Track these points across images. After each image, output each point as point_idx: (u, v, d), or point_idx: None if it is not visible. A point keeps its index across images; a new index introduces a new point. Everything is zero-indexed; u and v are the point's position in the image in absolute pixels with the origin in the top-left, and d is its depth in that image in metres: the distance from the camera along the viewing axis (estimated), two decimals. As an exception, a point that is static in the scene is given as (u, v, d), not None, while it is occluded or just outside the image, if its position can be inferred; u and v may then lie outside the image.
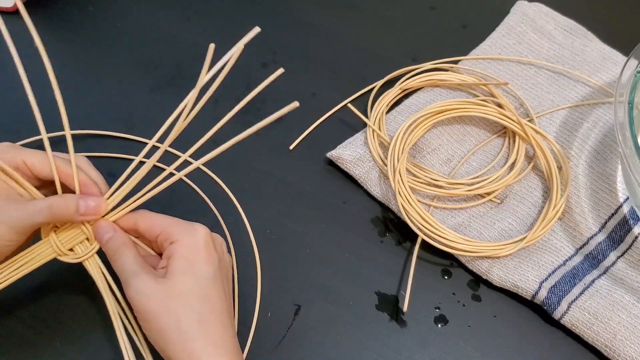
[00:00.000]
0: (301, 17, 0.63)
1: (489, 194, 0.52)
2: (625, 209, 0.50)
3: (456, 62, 0.59)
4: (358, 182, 0.52)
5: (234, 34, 0.62)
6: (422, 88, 0.57)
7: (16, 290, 0.44)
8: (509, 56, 0.59)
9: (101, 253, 0.40)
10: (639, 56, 0.47)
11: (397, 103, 0.57)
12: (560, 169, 0.52)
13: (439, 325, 0.47)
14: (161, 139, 0.40)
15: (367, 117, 0.55)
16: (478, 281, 0.49)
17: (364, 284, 0.48)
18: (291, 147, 0.54)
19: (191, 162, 0.39)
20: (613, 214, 0.50)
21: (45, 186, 0.40)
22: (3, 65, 0.58)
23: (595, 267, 0.48)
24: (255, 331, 0.45)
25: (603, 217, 0.50)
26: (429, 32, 0.63)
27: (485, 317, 0.47)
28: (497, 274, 0.47)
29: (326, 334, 0.46)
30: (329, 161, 0.53)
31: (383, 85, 0.58)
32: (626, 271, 0.48)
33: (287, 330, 0.46)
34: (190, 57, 0.60)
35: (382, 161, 0.52)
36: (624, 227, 0.50)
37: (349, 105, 0.55)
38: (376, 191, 0.52)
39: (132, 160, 0.52)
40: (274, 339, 0.45)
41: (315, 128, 0.55)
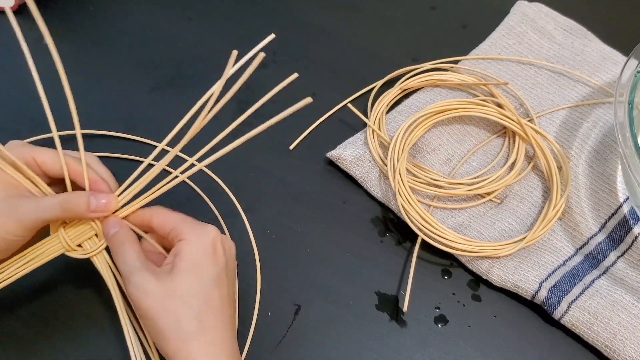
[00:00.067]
0: (301, 17, 0.63)
1: (489, 194, 0.52)
2: (625, 209, 0.50)
3: (456, 62, 0.59)
4: (358, 182, 0.52)
5: (234, 34, 0.62)
6: (422, 88, 0.57)
7: (16, 289, 0.44)
8: (509, 56, 0.59)
9: (109, 250, 0.40)
10: (639, 56, 0.47)
11: (397, 103, 0.57)
12: (560, 169, 0.52)
13: (439, 325, 0.47)
14: (168, 142, 0.40)
15: (367, 117, 0.55)
16: (478, 281, 0.49)
17: (364, 284, 0.48)
18: (291, 147, 0.54)
19: (198, 159, 0.39)
20: (613, 214, 0.50)
21: (54, 183, 0.40)
22: (3, 65, 0.59)
23: (595, 267, 0.48)
24: (255, 331, 0.45)
25: (603, 217, 0.50)
26: (429, 32, 0.63)
27: (485, 317, 0.47)
28: (497, 274, 0.47)
29: (326, 334, 0.46)
30: (329, 161, 0.53)
31: (383, 85, 0.58)
32: (626, 271, 0.48)
33: (287, 330, 0.46)
34: (190, 57, 0.60)
35: (382, 161, 0.52)
36: (624, 227, 0.50)
37: (349, 105, 0.55)
38: (376, 191, 0.52)
39: (133, 160, 0.53)
40: (274, 339, 0.45)
41: (315, 128, 0.55)
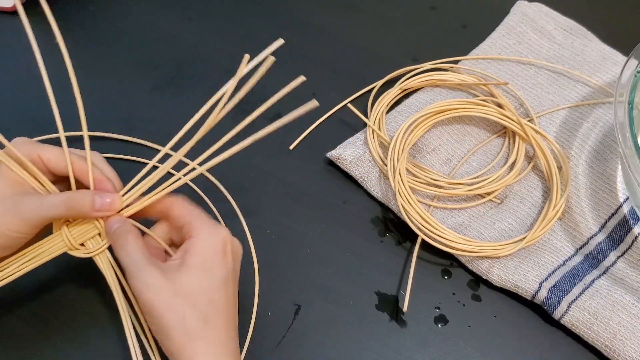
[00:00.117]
0: (301, 17, 0.63)
1: (489, 194, 0.52)
2: (625, 209, 0.50)
3: (456, 62, 0.59)
4: (358, 182, 0.52)
5: (234, 34, 0.62)
6: (422, 88, 0.57)
7: (17, 288, 0.44)
8: (509, 56, 0.59)
9: (112, 249, 0.40)
10: (639, 56, 0.47)
11: (397, 103, 0.56)
12: (560, 169, 0.52)
13: (439, 325, 0.47)
14: (164, 144, 0.40)
15: (367, 117, 0.55)
16: (478, 281, 0.49)
17: (364, 284, 0.48)
18: (291, 147, 0.54)
19: (200, 163, 0.39)
20: (613, 214, 0.50)
21: (58, 181, 0.40)
22: (5, 65, 0.59)
23: (595, 267, 0.48)
24: (255, 331, 0.45)
25: (603, 217, 0.50)
26: (429, 32, 0.63)
27: (485, 317, 0.47)
28: (497, 274, 0.47)
29: (326, 334, 0.46)
30: (329, 161, 0.53)
31: (383, 85, 0.58)
32: (626, 271, 0.48)
33: (287, 330, 0.46)
34: (190, 57, 0.60)
35: (382, 161, 0.52)
36: (624, 227, 0.50)
37: (349, 105, 0.55)
38: (376, 191, 0.52)
39: (133, 161, 0.53)
40: (274, 339, 0.45)
41: (315, 128, 0.55)
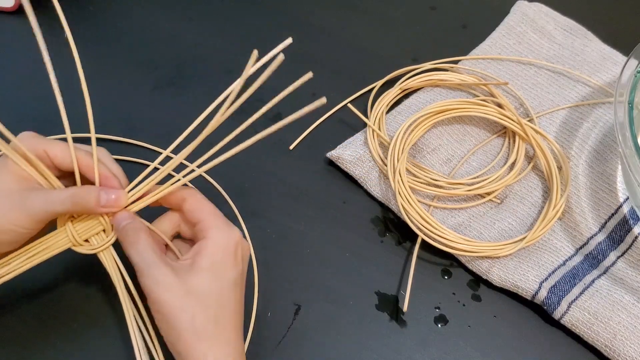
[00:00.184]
0: (301, 17, 0.63)
1: (489, 194, 0.52)
2: (625, 209, 0.50)
3: (456, 62, 0.59)
4: (358, 182, 0.52)
5: (234, 34, 0.62)
6: (422, 88, 0.57)
7: (17, 289, 0.44)
8: (509, 56, 0.59)
9: (116, 246, 0.40)
10: (639, 56, 0.47)
11: (397, 103, 0.56)
12: (560, 169, 0.52)
13: (439, 325, 0.47)
14: (164, 143, 0.40)
15: (367, 117, 0.55)
16: (478, 281, 0.49)
17: (364, 284, 0.48)
18: (291, 147, 0.54)
19: (204, 160, 0.39)
20: (613, 214, 0.50)
21: (64, 177, 0.40)
22: (3, 65, 0.59)
23: (595, 267, 0.48)
24: (255, 331, 0.45)
25: (603, 217, 0.50)
26: (429, 32, 0.63)
27: (485, 317, 0.47)
28: (497, 274, 0.47)
29: (326, 334, 0.46)
30: (329, 161, 0.53)
31: (383, 85, 0.58)
32: (626, 271, 0.48)
33: (287, 330, 0.46)
34: (190, 57, 0.60)
35: (382, 161, 0.52)
36: (624, 227, 0.50)
37: (349, 105, 0.55)
38: (376, 191, 0.52)
39: (134, 162, 0.53)
40: (274, 339, 0.45)
41: (315, 128, 0.55)
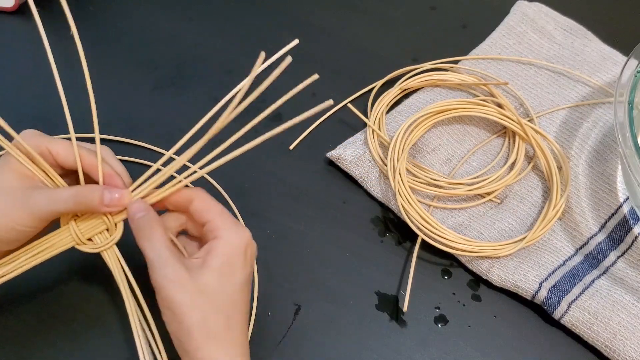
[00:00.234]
0: (301, 17, 0.63)
1: (489, 194, 0.52)
2: (625, 209, 0.50)
3: (456, 62, 0.59)
4: (358, 182, 0.52)
5: (234, 34, 0.62)
6: (422, 88, 0.57)
7: (17, 289, 0.44)
8: (509, 56, 0.59)
9: (120, 245, 0.40)
10: (639, 56, 0.47)
11: (397, 103, 0.56)
12: (560, 169, 0.52)
13: (439, 325, 0.47)
14: (165, 143, 0.40)
15: (367, 117, 0.55)
16: (478, 281, 0.49)
17: (364, 284, 0.48)
18: (291, 147, 0.54)
19: (209, 161, 0.39)
20: (613, 214, 0.50)
21: (66, 175, 0.40)
22: (3, 65, 0.59)
23: (595, 267, 0.48)
24: (255, 331, 0.45)
25: (603, 217, 0.50)
26: (429, 32, 0.63)
27: (485, 317, 0.47)
28: (497, 274, 0.47)
29: (326, 334, 0.46)
30: (329, 161, 0.53)
31: (383, 85, 0.58)
32: (626, 271, 0.48)
33: (287, 330, 0.46)
34: (190, 57, 0.60)
35: (382, 161, 0.52)
36: (624, 227, 0.50)
37: (349, 105, 0.55)
38: (376, 191, 0.52)
39: (134, 162, 0.53)
40: (274, 339, 0.45)
41: (315, 128, 0.55)
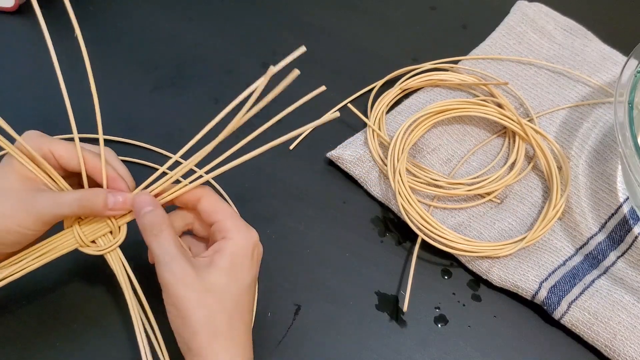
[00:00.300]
0: (301, 17, 0.63)
1: (489, 194, 0.52)
2: (625, 209, 0.50)
3: (456, 62, 0.59)
4: (358, 182, 0.52)
5: (234, 34, 0.62)
6: (422, 88, 0.57)
7: (17, 289, 0.44)
8: (509, 56, 0.59)
9: (123, 247, 0.40)
10: (639, 56, 0.47)
11: (397, 103, 0.56)
12: (560, 169, 0.52)
13: (439, 325, 0.47)
14: (165, 144, 0.40)
15: (367, 117, 0.55)
16: (478, 281, 0.49)
17: (364, 284, 0.48)
18: (291, 147, 0.54)
19: (215, 166, 0.39)
20: (613, 214, 0.50)
21: (68, 177, 0.40)
22: (3, 65, 0.59)
23: (595, 267, 0.48)
24: (255, 331, 0.45)
25: (603, 217, 0.50)
26: (429, 32, 0.63)
27: (485, 317, 0.47)
28: (497, 274, 0.47)
29: (326, 334, 0.46)
30: (329, 161, 0.53)
31: (383, 85, 0.58)
32: (626, 271, 0.48)
33: (287, 330, 0.46)
34: (190, 57, 0.60)
35: (382, 161, 0.52)
36: (624, 227, 0.50)
37: (349, 105, 0.55)
38: (376, 191, 0.52)
39: (136, 163, 0.53)
40: (274, 339, 0.45)
41: (315, 128, 0.55)
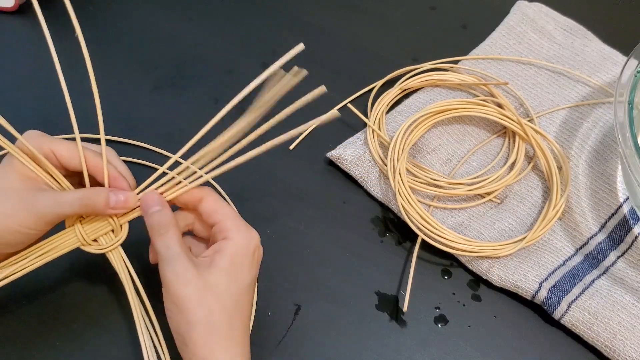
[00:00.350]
0: (301, 17, 0.63)
1: (489, 194, 0.52)
2: (625, 209, 0.50)
3: (456, 62, 0.59)
4: (358, 182, 0.52)
5: (234, 34, 0.62)
6: (422, 88, 0.57)
7: (16, 289, 0.44)
8: (509, 56, 0.59)
9: (125, 245, 0.40)
10: (639, 56, 0.47)
11: (397, 103, 0.56)
12: (560, 169, 0.52)
13: (439, 325, 0.47)
14: (165, 144, 0.40)
15: (367, 117, 0.55)
16: (478, 281, 0.49)
17: (364, 284, 0.48)
18: (291, 147, 0.54)
19: (215, 167, 0.39)
20: (613, 214, 0.50)
21: (69, 175, 0.40)
22: (3, 65, 0.59)
23: (595, 267, 0.48)
24: (255, 331, 0.45)
25: (603, 217, 0.50)
26: (429, 32, 0.63)
27: (485, 317, 0.47)
28: (497, 274, 0.47)
29: (326, 334, 0.46)
30: (329, 161, 0.53)
31: (383, 85, 0.58)
32: (626, 271, 0.48)
33: (287, 330, 0.46)
34: (190, 57, 0.60)
35: (382, 161, 0.52)
36: (624, 227, 0.50)
37: (349, 105, 0.55)
38: (376, 191, 0.52)
39: (136, 163, 0.53)
40: (274, 339, 0.45)
41: (315, 128, 0.55)
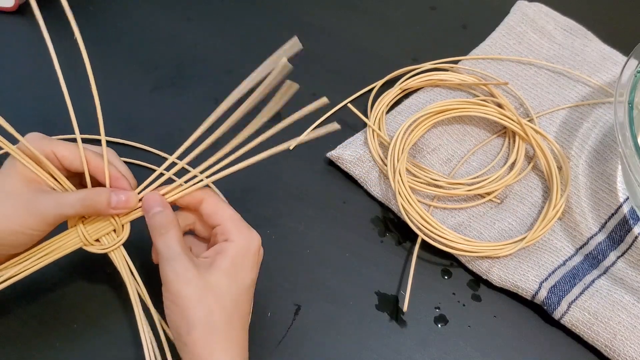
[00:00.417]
0: (301, 17, 0.63)
1: (489, 194, 0.52)
2: (625, 209, 0.50)
3: (456, 62, 0.59)
4: (358, 182, 0.52)
5: (234, 34, 0.62)
6: (422, 88, 0.57)
7: (16, 290, 0.44)
8: (509, 56, 0.59)
9: (127, 245, 0.40)
10: (639, 56, 0.47)
11: (397, 103, 0.56)
12: (560, 169, 0.52)
13: (439, 325, 0.47)
14: (165, 144, 0.40)
15: (367, 117, 0.55)
16: (478, 281, 0.49)
17: (364, 284, 0.48)
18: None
19: (217, 170, 0.40)
20: (613, 214, 0.50)
21: (70, 176, 0.40)
22: (3, 65, 0.59)
23: (595, 267, 0.48)
24: (255, 331, 0.45)
25: (603, 217, 0.50)
26: (429, 32, 0.63)
27: (485, 317, 0.47)
28: (497, 274, 0.47)
29: (326, 334, 0.46)
30: (329, 161, 0.53)
31: (383, 85, 0.58)
32: (626, 271, 0.48)
33: (287, 330, 0.46)
34: (190, 57, 0.60)
35: (382, 161, 0.52)
36: (624, 227, 0.50)
37: (349, 105, 0.55)
38: (376, 191, 0.52)
39: (138, 165, 0.53)
40: (274, 339, 0.45)
41: (315, 128, 0.55)
